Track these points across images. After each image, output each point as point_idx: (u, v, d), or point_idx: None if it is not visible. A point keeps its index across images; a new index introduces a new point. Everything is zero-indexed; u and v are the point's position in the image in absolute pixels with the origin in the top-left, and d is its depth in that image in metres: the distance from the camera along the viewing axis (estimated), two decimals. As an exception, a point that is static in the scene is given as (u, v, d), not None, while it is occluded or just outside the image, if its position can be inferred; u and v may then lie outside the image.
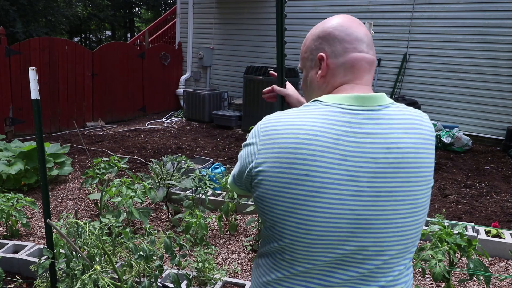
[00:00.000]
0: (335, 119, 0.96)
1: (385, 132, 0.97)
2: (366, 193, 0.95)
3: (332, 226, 0.95)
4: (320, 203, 0.94)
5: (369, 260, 0.99)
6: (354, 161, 0.94)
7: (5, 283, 2.73)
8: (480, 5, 6.53)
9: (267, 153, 0.98)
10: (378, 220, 0.97)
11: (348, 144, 0.95)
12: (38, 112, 1.99)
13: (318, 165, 0.94)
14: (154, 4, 20.06)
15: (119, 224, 2.30)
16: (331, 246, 0.97)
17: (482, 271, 2.06)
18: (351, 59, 1.04)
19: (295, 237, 0.98)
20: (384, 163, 0.96)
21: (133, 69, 8.95)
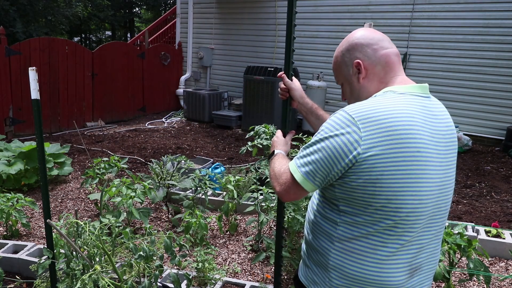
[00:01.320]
0: (415, 104, 1.16)
1: (441, 114, 1.22)
2: (444, 163, 1.18)
3: (432, 193, 1.16)
4: (430, 174, 1.13)
5: (440, 218, 1.23)
6: (437, 138, 1.16)
7: (5, 283, 2.73)
8: (480, 5, 6.53)
9: (375, 138, 1.08)
10: (449, 185, 1.22)
11: (431, 124, 1.16)
12: (38, 112, 1.99)
13: (424, 142, 1.12)
14: (154, 4, 20.05)
15: (119, 224, 2.30)
16: (429, 210, 1.17)
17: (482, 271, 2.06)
18: (383, 56, 1.24)
19: (412, 208, 1.13)
20: (447, 138, 1.20)
21: (133, 69, 8.95)
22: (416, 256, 1.20)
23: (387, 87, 1.23)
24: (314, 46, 8.15)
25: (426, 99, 1.20)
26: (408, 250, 1.18)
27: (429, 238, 1.22)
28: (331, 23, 7.92)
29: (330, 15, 7.93)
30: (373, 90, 1.25)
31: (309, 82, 7.74)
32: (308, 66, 8.16)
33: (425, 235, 1.21)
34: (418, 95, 1.19)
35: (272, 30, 8.69)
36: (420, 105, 1.16)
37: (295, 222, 2.65)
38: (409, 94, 1.18)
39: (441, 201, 1.21)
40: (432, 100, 1.23)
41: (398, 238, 1.15)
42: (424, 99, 1.20)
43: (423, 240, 1.21)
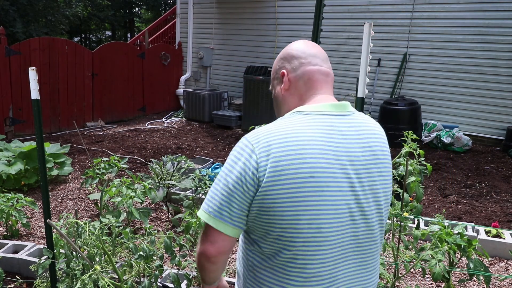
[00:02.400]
0: (320, 124, 1.09)
1: (358, 134, 1.13)
2: (356, 187, 1.09)
3: (336, 221, 1.06)
4: (326, 200, 1.04)
5: (363, 249, 1.13)
6: (344, 160, 1.08)
7: (5, 283, 2.73)
8: (480, 5, 6.53)
9: (268, 164, 1.02)
10: (366, 211, 1.11)
11: (337, 145, 1.08)
12: (38, 112, 1.99)
13: (320, 167, 1.04)
14: (154, 4, 20.05)
15: (119, 224, 2.30)
16: (335, 239, 1.07)
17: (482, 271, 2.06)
18: (307, 72, 1.19)
19: (307, 237, 1.04)
20: (363, 160, 1.11)
21: (133, 69, 8.95)
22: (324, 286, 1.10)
23: (301, 106, 1.17)
24: (314, 46, 8.14)
25: (338, 118, 1.12)
26: (318, 285, 1.09)
27: (349, 272, 1.13)
28: (331, 23, 7.91)
29: (330, 15, 7.91)
30: (293, 106, 1.19)
31: (309, 82, 7.73)
32: (308, 66, 8.14)
33: (341, 268, 1.11)
34: (328, 114, 1.12)
35: (272, 30, 8.69)
36: (327, 125, 1.09)
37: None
38: (315, 114, 1.11)
39: (358, 229, 1.10)
40: (349, 118, 1.14)
41: (301, 270, 1.07)
42: (335, 118, 1.12)
43: (338, 274, 1.11)
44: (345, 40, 7.74)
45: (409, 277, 2.99)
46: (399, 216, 2.28)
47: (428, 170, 2.43)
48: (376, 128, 1.20)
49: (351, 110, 1.18)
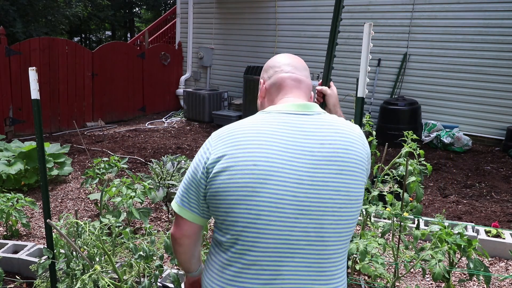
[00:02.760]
0: (275, 121, 1.15)
1: (318, 131, 1.14)
2: (305, 181, 1.08)
3: (278, 211, 1.07)
4: (267, 189, 1.07)
5: (312, 246, 1.10)
6: (294, 153, 1.10)
7: (5, 283, 2.73)
8: (480, 5, 6.53)
9: (219, 152, 1.12)
10: (317, 207, 1.09)
11: (288, 139, 1.11)
12: (38, 112, 1.99)
13: (264, 156, 1.08)
14: (154, 4, 20.05)
15: (119, 224, 2.30)
16: (278, 230, 1.08)
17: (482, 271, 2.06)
18: (279, 78, 1.29)
19: (246, 222, 1.08)
20: (319, 156, 1.11)
21: (133, 69, 8.95)
22: (270, 285, 1.10)
23: (267, 107, 1.25)
24: (314, 46, 8.15)
25: (298, 116, 1.16)
26: (259, 274, 1.10)
27: (297, 271, 1.10)
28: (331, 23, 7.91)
29: (330, 15, 7.88)
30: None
31: (309, 82, 7.73)
32: (308, 66, 8.05)
33: (288, 263, 1.10)
34: (287, 113, 1.17)
35: (272, 30, 8.69)
36: (281, 121, 1.15)
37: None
38: (275, 112, 1.18)
39: (308, 226, 1.09)
40: (311, 117, 1.17)
41: (240, 256, 1.11)
42: (294, 116, 1.16)
43: (284, 269, 1.10)
44: (345, 40, 7.73)
45: (409, 277, 2.99)
46: (399, 216, 2.28)
47: (428, 170, 2.43)
48: (345, 129, 1.18)
49: (317, 111, 1.20)
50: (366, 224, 2.83)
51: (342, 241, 1.15)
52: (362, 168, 1.17)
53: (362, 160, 1.17)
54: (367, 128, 2.95)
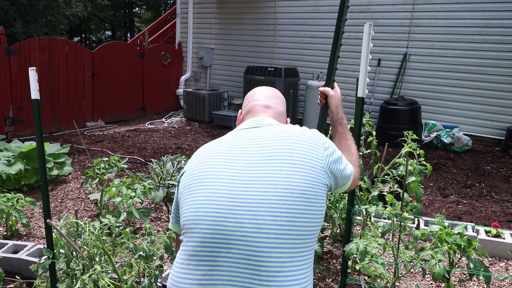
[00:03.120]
0: (229, 135, 1.36)
1: (261, 137, 1.29)
2: (242, 178, 1.19)
3: (214, 204, 1.17)
4: (204, 187, 1.22)
5: (248, 238, 1.11)
6: (232, 155, 1.25)
7: (5, 283, 2.73)
8: (480, 5, 6.53)
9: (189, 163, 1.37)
10: (253, 200, 1.15)
11: (232, 146, 1.29)
12: (38, 112, 1.99)
13: (204, 162, 1.28)
14: (154, 4, 20.05)
15: (119, 224, 2.30)
16: (213, 221, 1.15)
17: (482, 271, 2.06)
18: (250, 106, 1.50)
19: (188, 215, 1.21)
20: (258, 155, 1.23)
21: (133, 69, 8.94)
22: (208, 276, 1.13)
23: None
24: (314, 46, 8.15)
25: (248, 130, 1.36)
26: (198, 265, 1.14)
27: (233, 260, 1.12)
28: (331, 23, 7.92)
29: (330, 15, 7.93)
30: None
31: (309, 82, 7.74)
32: (308, 66, 8.16)
33: (224, 253, 1.12)
34: (241, 129, 1.39)
35: (272, 30, 8.69)
36: (233, 135, 1.36)
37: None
38: (234, 130, 1.42)
39: (243, 217, 1.12)
40: (259, 129, 1.35)
41: (185, 247, 1.21)
42: (245, 130, 1.36)
43: (220, 259, 1.12)
44: (345, 40, 7.69)
45: (409, 277, 2.99)
46: (399, 216, 2.28)
47: (428, 170, 2.43)
48: (291, 133, 1.30)
49: (269, 123, 1.38)
50: (366, 224, 2.83)
51: (286, 236, 1.13)
52: (310, 166, 1.22)
53: (310, 159, 1.24)
54: (367, 128, 2.95)
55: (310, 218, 1.18)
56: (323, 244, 2.69)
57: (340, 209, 2.75)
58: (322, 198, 1.23)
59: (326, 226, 3.01)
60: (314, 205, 1.20)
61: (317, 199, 1.21)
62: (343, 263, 2.21)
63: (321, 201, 1.23)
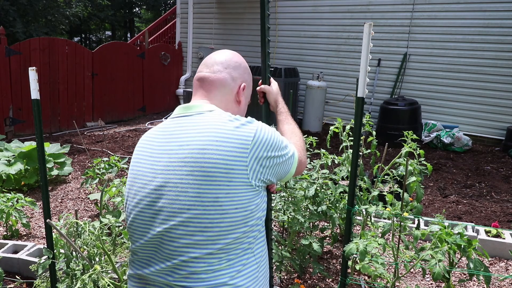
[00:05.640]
0: (158, 128, 1.27)
1: (183, 133, 1.18)
2: (158, 183, 1.15)
3: (140, 209, 1.18)
4: (134, 188, 1.21)
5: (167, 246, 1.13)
6: (155, 156, 1.19)
7: (5, 283, 2.73)
8: (480, 5, 6.53)
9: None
10: (167, 208, 1.13)
11: (155, 144, 1.22)
12: (38, 112, 1.99)
13: (136, 160, 1.25)
14: (154, 4, 20.05)
15: (119, 224, 2.30)
16: (142, 227, 1.18)
17: (482, 271, 2.06)
18: (194, 78, 1.37)
19: (128, 212, 1.24)
20: (176, 157, 1.15)
21: (133, 69, 8.94)
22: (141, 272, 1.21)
23: None
24: (314, 46, 8.15)
25: (176, 119, 1.25)
26: (137, 261, 1.24)
27: (159, 264, 1.16)
28: (331, 23, 7.92)
29: (330, 15, 7.93)
30: None
31: (309, 82, 7.74)
32: (308, 66, 8.16)
33: (154, 256, 1.18)
34: (172, 117, 1.28)
35: (272, 30, 8.69)
36: (161, 127, 1.27)
37: (295, 222, 2.65)
38: (169, 118, 1.31)
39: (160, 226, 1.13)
40: (186, 119, 1.23)
41: (130, 244, 1.28)
42: (173, 120, 1.26)
43: (152, 261, 1.19)
44: (345, 40, 7.73)
45: (409, 277, 2.99)
46: (399, 216, 2.28)
47: (428, 170, 2.43)
48: (212, 128, 1.15)
49: (198, 111, 1.23)
50: (366, 224, 2.83)
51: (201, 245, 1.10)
52: (224, 169, 1.11)
53: (224, 159, 1.11)
54: (367, 128, 2.95)
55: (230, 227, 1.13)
56: (323, 244, 2.69)
57: (340, 209, 2.75)
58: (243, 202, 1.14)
59: (326, 226, 3.01)
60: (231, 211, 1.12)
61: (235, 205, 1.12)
62: (343, 263, 2.21)
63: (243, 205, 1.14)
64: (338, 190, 2.75)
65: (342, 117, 4.60)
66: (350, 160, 2.63)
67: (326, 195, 2.75)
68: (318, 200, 2.72)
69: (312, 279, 2.91)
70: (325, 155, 2.94)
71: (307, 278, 2.92)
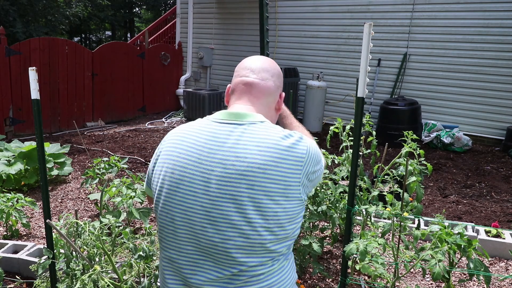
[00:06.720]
0: (203, 129, 1.21)
1: (239, 143, 1.15)
2: (213, 193, 1.13)
3: (188, 219, 1.15)
4: (178, 197, 1.16)
5: (220, 256, 1.14)
6: (207, 165, 1.15)
7: (5, 283, 2.73)
8: (480, 5, 6.53)
9: (159, 152, 1.27)
10: (223, 220, 1.12)
11: (205, 150, 1.16)
12: (38, 112, 1.99)
13: (180, 165, 1.17)
14: (154, 4, 20.05)
15: (119, 224, 2.30)
16: (190, 236, 1.16)
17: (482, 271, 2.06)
18: (235, 82, 1.32)
19: (163, 223, 1.21)
20: (232, 169, 1.12)
21: (133, 69, 8.94)
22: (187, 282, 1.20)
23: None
24: (314, 46, 8.15)
25: (226, 125, 1.20)
26: (178, 271, 1.22)
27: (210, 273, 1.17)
28: (331, 23, 7.92)
29: (330, 15, 7.93)
30: None
31: (309, 82, 7.74)
32: (308, 66, 8.16)
33: (201, 265, 1.18)
34: (218, 122, 1.22)
35: (272, 30, 8.69)
36: (207, 130, 1.20)
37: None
38: (209, 120, 1.24)
39: (214, 237, 1.13)
40: (238, 127, 1.18)
41: (163, 253, 1.25)
42: (222, 125, 1.20)
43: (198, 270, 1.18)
44: (345, 40, 7.73)
45: (409, 277, 2.99)
46: (399, 216, 2.28)
47: (429, 170, 2.43)
48: (269, 142, 1.16)
49: (251, 120, 1.20)
50: (366, 224, 2.83)
51: (255, 256, 1.14)
52: (283, 187, 1.14)
53: (283, 176, 1.14)
54: (367, 128, 2.95)
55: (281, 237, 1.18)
56: (323, 244, 2.69)
57: (340, 209, 2.75)
58: (296, 216, 1.20)
59: (326, 226, 3.01)
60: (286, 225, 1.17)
61: (290, 220, 1.18)
62: (343, 263, 2.21)
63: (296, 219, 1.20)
64: (338, 190, 2.75)
65: (342, 117, 4.60)
66: (350, 160, 2.63)
67: (326, 195, 2.75)
68: (318, 200, 2.72)
69: (312, 279, 2.91)
70: (325, 155, 2.94)
71: (307, 278, 2.92)
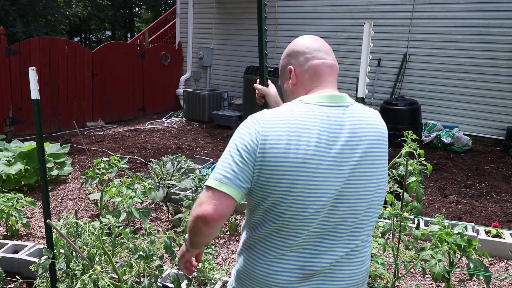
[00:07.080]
0: (317, 114, 1.18)
1: (355, 125, 1.20)
2: (345, 174, 1.17)
3: (321, 203, 1.15)
4: (315, 185, 1.14)
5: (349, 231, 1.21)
6: (337, 149, 1.16)
7: (5, 283, 2.73)
8: (480, 5, 6.53)
9: (267, 143, 1.13)
10: (354, 196, 1.19)
11: (331, 135, 1.16)
12: (38, 112, 1.99)
13: (312, 154, 1.13)
14: (154, 4, 20.05)
15: (119, 224, 2.30)
16: (320, 219, 1.17)
17: (482, 271, 2.06)
18: (312, 66, 1.28)
19: (293, 214, 1.15)
20: (357, 150, 1.18)
21: (133, 69, 8.94)
22: (310, 261, 1.20)
23: (303, 96, 1.26)
24: (314, 46, 8.14)
25: (335, 108, 1.20)
26: (299, 255, 1.20)
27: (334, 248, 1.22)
28: (331, 23, 7.92)
29: (330, 15, 7.93)
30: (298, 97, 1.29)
31: (309, 82, 7.73)
32: (308, 66, 8.14)
33: (324, 243, 1.20)
34: (323, 105, 1.20)
35: (272, 30, 8.69)
36: (321, 114, 1.18)
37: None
38: (313, 104, 1.20)
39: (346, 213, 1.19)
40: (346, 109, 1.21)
41: (284, 240, 1.19)
42: (332, 108, 1.20)
43: (320, 247, 1.20)
44: (345, 40, 7.73)
45: (409, 277, 2.99)
46: (399, 216, 2.28)
47: (428, 170, 2.43)
48: (374, 120, 1.26)
49: (350, 101, 1.24)
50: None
51: (372, 224, 1.28)
52: (387, 156, 1.29)
53: (386, 147, 1.28)
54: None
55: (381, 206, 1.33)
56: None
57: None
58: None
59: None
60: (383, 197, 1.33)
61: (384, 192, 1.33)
62: (343, 263, 2.20)
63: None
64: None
65: (342, 117, 4.59)
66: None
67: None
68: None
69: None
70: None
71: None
